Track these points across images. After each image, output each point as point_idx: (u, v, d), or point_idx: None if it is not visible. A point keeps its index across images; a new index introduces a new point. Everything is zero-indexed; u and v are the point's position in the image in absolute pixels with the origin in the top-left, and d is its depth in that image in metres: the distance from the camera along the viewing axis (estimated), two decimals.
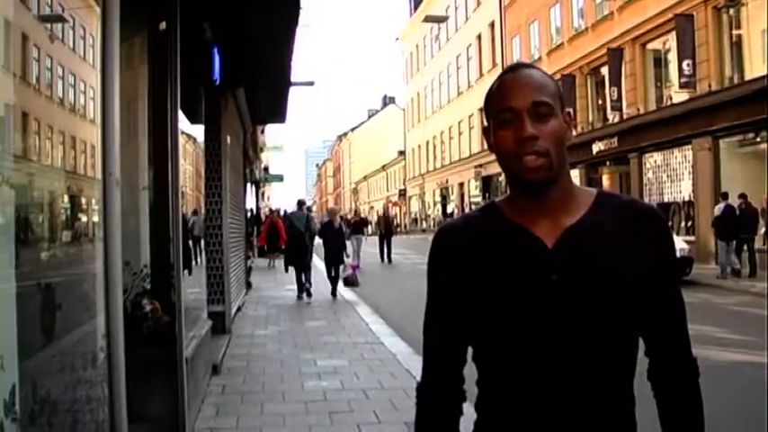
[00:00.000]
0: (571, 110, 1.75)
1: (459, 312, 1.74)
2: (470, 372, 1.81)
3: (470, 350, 1.81)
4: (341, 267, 16.37)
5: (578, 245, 1.66)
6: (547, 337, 1.62)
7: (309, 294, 15.49)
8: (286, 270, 16.72)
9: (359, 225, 27.72)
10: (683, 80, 21.25)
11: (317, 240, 16.52)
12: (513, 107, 1.63)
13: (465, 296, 1.71)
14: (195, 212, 9.52)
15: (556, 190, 1.68)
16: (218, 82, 8.59)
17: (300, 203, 17.77)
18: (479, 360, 1.77)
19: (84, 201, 3.93)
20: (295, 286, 15.79)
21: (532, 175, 1.62)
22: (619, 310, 1.64)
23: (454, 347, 1.79)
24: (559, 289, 1.62)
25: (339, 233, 16.40)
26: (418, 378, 1.88)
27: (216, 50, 8.24)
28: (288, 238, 16.59)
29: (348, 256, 16.91)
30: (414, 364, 8.12)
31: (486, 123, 1.76)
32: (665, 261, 1.73)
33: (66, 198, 3.69)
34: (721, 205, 17.86)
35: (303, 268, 15.71)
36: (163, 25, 5.82)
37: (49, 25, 3.50)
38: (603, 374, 1.64)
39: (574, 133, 22.15)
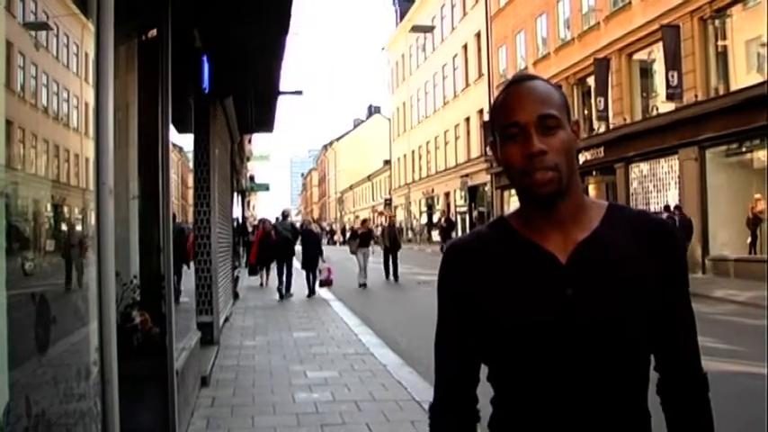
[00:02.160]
0: (577, 118, 1.72)
1: (472, 330, 1.71)
2: (483, 391, 1.76)
3: (484, 369, 1.77)
4: (317, 270, 18.49)
5: (591, 259, 1.64)
6: (562, 352, 1.59)
7: (290, 294, 17.83)
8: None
9: (365, 237, 22.60)
10: (669, 91, 21.35)
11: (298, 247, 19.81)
12: (518, 122, 1.60)
13: (478, 314, 1.68)
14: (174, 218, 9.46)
15: (567, 203, 1.65)
16: (207, 90, 8.52)
17: (285, 214, 21.39)
18: (494, 378, 1.75)
19: (75, 211, 3.86)
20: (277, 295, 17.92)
21: (542, 189, 1.59)
22: (633, 323, 1.62)
23: (467, 366, 1.76)
24: (574, 303, 1.60)
25: (315, 241, 19.42)
26: (409, 389, 1.86)
27: (205, 59, 8.18)
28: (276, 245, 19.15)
29: (324, 261, 18.62)
30: (404, 375, 8.08)
31: (492, 137, 1.72)
32: (678, 274, 1.71)
33: (56, 208, 3.63)
34: (663, 216, 18.11)
35: (287, 269, 18.09)
36: (153, 33, 5.76)
37: (34, 33, 3.43)
38: (619, 388, 1.62)
39: None
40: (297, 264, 19.64)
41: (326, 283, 18.56)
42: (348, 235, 34.23)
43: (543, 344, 1.60)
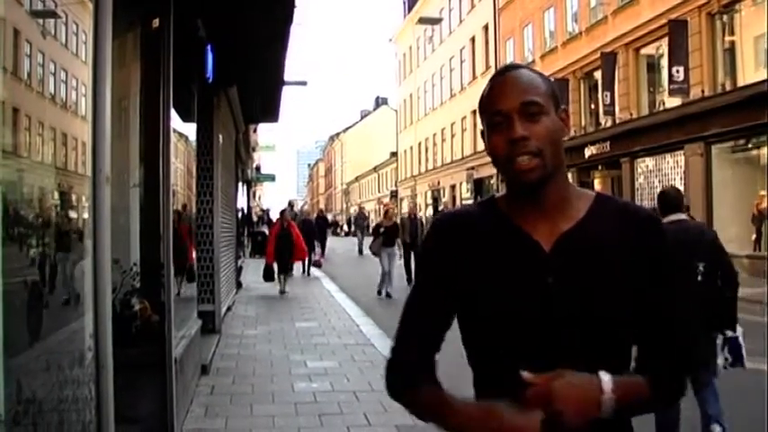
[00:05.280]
0: (566, 106, 1.73)
1: (448, 304, 1.73)
2: (461, 372, 1.77)
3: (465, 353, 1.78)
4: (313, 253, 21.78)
5: (575, 249, 1.65)
6: (539, 340, 1.61)
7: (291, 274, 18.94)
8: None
9: (391, 233, 17.76)
10: (674, 86, 21.24)
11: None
12: (501, 110, 1.63)
13: (459, 293, 1.70)
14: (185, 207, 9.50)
15: (552, 190, 1.66)
16: (210, 80, 8.53)
17: (291, 204, 24.99)
18: (474, 362, 1.76)
19: (74, 198, 3.88)
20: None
21: (526, 176, 1.61)
22: (613, 314, 1.62)
23: (432, 332, 1.76)
24: (555, 292, 1.61)
25: (311, 229, 22.53)
26: None
27: (209, 48, 8.18)
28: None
29: (317, 247, 22.77)
30: None
31: (481, 127, 1.74)
32: (665, 268, 1.70)
33: (56, 195, 3.64)
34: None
35: None
36: (156, 22, 5.77)
37: (41, 20, 3.44)
38: None
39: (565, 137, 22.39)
40: None
41: (316, 264, 22.68)
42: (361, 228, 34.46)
43: (521, 330, 1.62)
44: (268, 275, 16.76)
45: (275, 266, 16.82)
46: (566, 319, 1.60)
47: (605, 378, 1.55)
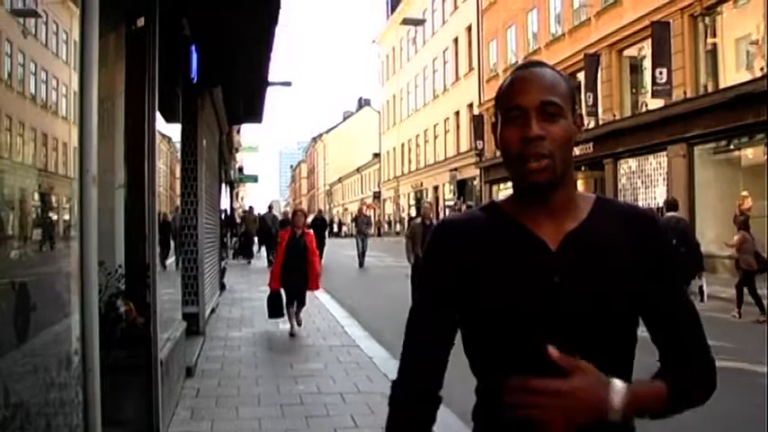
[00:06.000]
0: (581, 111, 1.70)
1: (453, 313, 1.70)
2: (464, 378, 1.75)
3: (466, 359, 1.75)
4: None
5: (581, 249, 1.64)
6: (545, 339, 1.57)
7: None
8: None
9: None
10: (656, 88, 21.35)
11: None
12: (520, 105, 1.60)
13: (463, 294, 1.67)
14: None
15: (559, 193, 1.65)
16: (195, 80, 8.47)
17: (270, 207, 26.10)
18: (477, 366, 1.73)
19: (58, 199, 3.83)
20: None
21: (536, 177, 1.59)
22: (618, 314, 1.62)
23: (439, 348, 1.73)
24: (561, 291, 1.60)
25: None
26: None
27: (194, 48, 8.13)
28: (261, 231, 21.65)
29: None
30: (390, 367, 8.06)
31: (494, 119, 1.72)
32: (667, 267, 1.70)
33: (39, 196, 3.60)
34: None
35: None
36: (141, 21, 5.71)
37: (22, 20, 3.40)
38: None
39: None
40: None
41: None
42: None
43: (526, 330, 1.60)
44: (274, 308, 11.11)
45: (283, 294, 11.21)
46: (571, 318, 1.59)
47: (617, 389, 1.52)
